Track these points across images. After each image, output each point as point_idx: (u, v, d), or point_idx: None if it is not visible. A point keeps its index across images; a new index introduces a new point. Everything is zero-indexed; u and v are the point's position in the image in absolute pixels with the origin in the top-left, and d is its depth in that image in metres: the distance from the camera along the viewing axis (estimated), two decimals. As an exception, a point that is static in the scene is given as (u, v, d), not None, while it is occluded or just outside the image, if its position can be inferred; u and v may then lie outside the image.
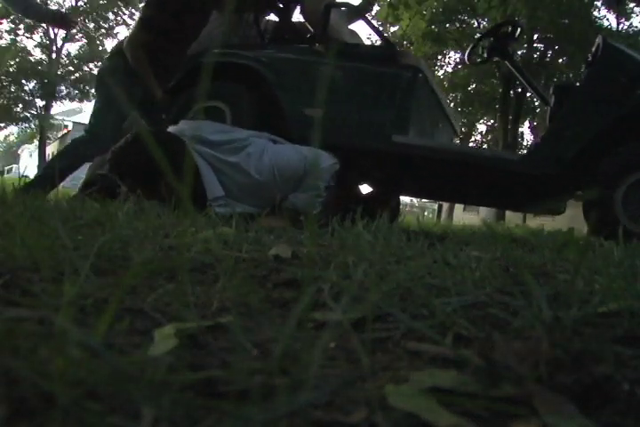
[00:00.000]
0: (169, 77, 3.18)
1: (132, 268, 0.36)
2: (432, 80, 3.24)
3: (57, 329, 0.32)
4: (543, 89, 3.94)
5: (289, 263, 0.96)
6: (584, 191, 3.07)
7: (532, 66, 16.30)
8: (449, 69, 20.43)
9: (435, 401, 0.36)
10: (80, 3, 26.61)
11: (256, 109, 3.02)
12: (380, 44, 3.36)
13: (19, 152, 50.77)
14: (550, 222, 12.37)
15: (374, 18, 15.48)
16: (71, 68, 27.41)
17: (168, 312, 0.57)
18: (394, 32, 18.14)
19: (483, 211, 19.54)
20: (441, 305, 0.62)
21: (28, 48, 27.26)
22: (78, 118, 28.62)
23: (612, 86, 2.70)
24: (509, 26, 3.61)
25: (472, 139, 22.20)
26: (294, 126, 2.95)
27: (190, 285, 0.73)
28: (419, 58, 3.36)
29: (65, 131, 24.12)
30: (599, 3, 17.12)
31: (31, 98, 26.93)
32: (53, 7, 26.26)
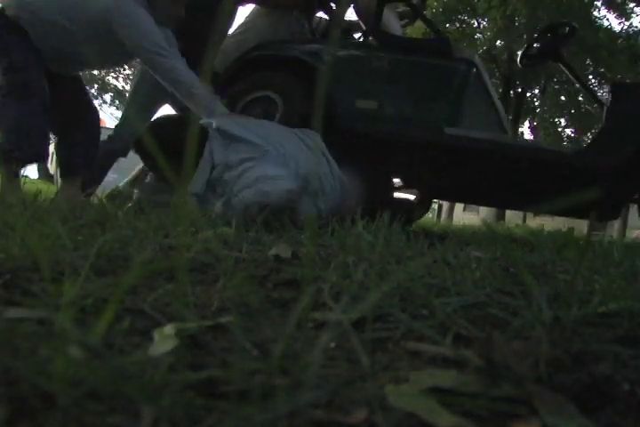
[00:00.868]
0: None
1: (132, 268, 0.37)
2: (485, 75, 3.19)
3: (57, 329, 0.32)
4: (542, 89, 3.94)
5: (289, 263, 0.96)
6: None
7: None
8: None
9: (435, 401, 0.36)
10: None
11: (307, 101, 2.99)
12: (434, 38, 3.29)
13: (19, 152, 50.72)
14: (550, 222, 12.37)
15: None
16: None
17: (168, 312, 0.57)
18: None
19: (483, 211, 19.54)
20: (441, 305, 0.62)
21: (28, 48, 27.17)
22: (78, 118, 28.61)
23: None
24: (562, 27, 3.53)
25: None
26: (345, 119, 2.92)
27: (190, 285, 0.73)
28: (472, 52, 3.31)
29: (65, 131, 24.12)
30: (599, 3, 17.13)
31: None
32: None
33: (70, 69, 2.77)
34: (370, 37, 3.28)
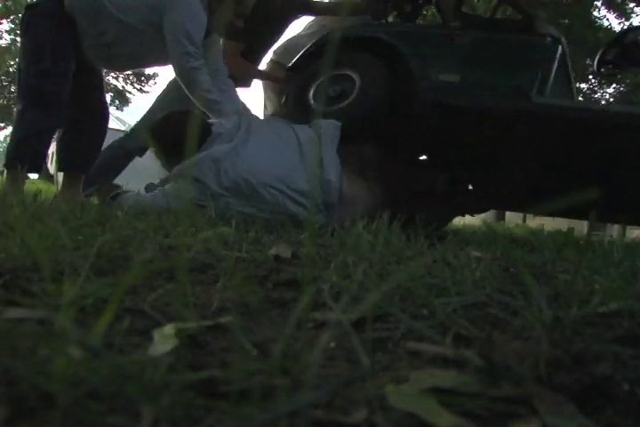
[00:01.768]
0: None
1: (132, 268, 0.36)
2: (567, 53, 3.20)
3: (57, 329, 0.32)
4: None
5: (289, 263, 0.96)
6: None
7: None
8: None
9: (435, 401, 0.36)
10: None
11: (385, 80, 3.03)
12: (518, 19, 3.33)
13: (19, 152, 50.69)
14: (550, 222, 12.36)
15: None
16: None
17: (168, 312, 0.57)
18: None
19: (483, 211, 19.47)
20: (441, 305, 0.62)
21: (28, 48, 27.16)
22: (78, 118, 28.59)
23: None
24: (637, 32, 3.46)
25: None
26: (426, 92, 2.96)
27: (190, 285, 0.73)
28: (557, 30, 3.27)
29: (65, 131, 24.12)
30: (599, 3, 17.12)
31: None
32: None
33: (104, 62, 2.74)
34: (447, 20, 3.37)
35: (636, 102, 15.65)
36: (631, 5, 17.43)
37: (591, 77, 17.27)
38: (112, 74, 27.08)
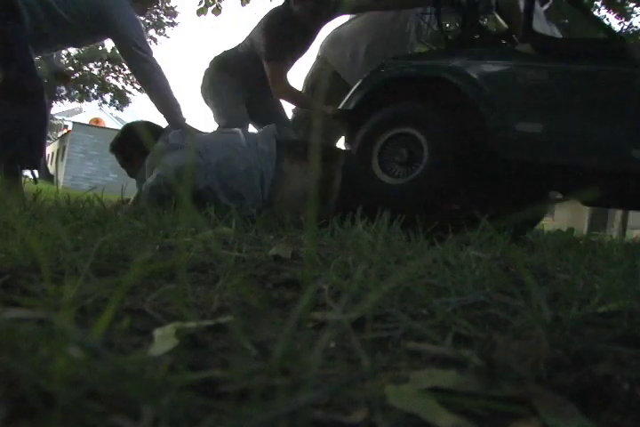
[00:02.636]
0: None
1: (132, 268, 0.36)
2: None
3: (57, 329, 0.32)
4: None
5: (289, 263, 0.96)
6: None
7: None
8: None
9: (435, 401, 0.36)
10: (80, 3, 26.61)
11: (455, 136, 2.48)
12: (604, 38, 2.67)
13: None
14: (550, 222, 12.37)
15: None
16: (71, 68, 27.42)
17: (168, 312, 0.57)
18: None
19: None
20: (441, 305, 0.62)
21: (28, 48, 27.18)
22: (78, 118, 28.67)
23: None
24: None
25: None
26: (504, 148, 2.39)
27: (190, 285, 0.73)
28: None
29: (65, 131, 24.15)
30: (599, 3, 17.11)
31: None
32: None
33: (45, 48, 2.72)
34: (516, 40, 2.75)
35: None
36: (631, 5, 17.43)
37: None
38: (112, 74, 27.13)
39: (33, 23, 2.47)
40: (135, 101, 62.16)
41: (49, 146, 26.25)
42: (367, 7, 3.14)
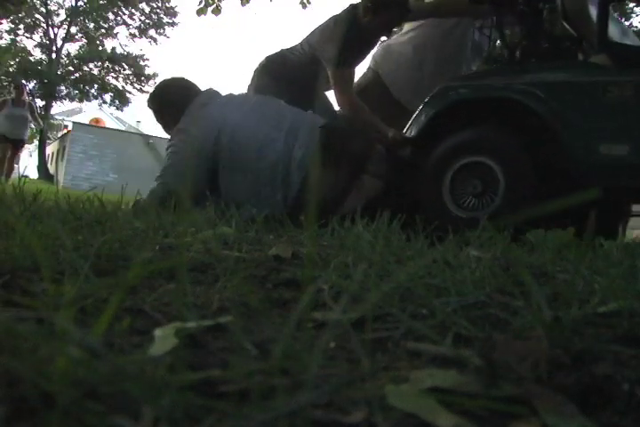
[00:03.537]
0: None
1: (132, 268, 0.36)
2: None
3: (57, 329, 0.32)
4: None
5: (289, 263, 0.96)
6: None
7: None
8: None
9: (435, 401, 0.36)
10: (80, 3, 26.65)
11: (533, 161, 2.24)
12: None
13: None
14: (550, 222, 12.32)
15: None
16: (71, 68, 27.43)
17: (168, 312, 0.57)
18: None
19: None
20: (441, 305, 0.62)
21: (28, 48, 27.25)
22: (78, 118, 28.66)
23: None
24: None
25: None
26: (587, 173, 2.17)
27: (190, 285, 0.73)
28: None
29: (65, 131, 24.16)
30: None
31: (31, 98, 26.91)
32: (53, 7, 26.30)
33: None
34: (586, 50, 2.56)
35: None
36: (631, 5, 17.42)
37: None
38: (112, 74, 27.14)
39: None
40: (135, 101, 62.20)
41: (49, 146, 26.27)
42: (424, 15, 2.98)
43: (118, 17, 27.41)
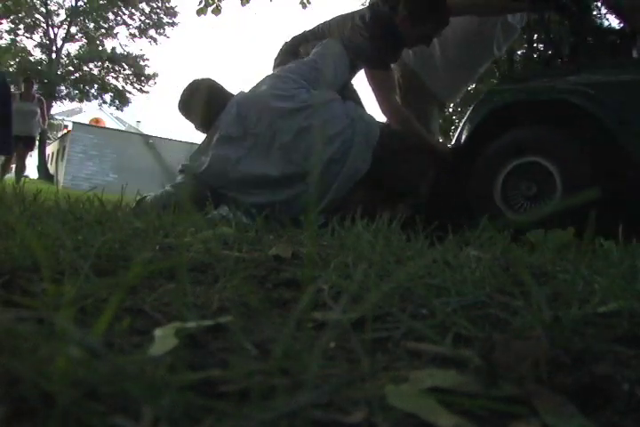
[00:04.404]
0: None
1: (132, 268, 0.37)
2: None
3: (57, 329, 0.32)
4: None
5: (289, 263, 0.96)
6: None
7: (533, 65, 16.28)
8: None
9: (435, 401, 0.36)
10: (80, 3, 26.64)
11: (594, 165, 2.14)
12: None
13: (19, 152, 50.71)
14: (550, 222, 12.30)
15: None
16: (71, 68, 27.41)
17: (168, 312, 0.57)
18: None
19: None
20: (441, 305, 0.62)
21: (28, 48, 27.22)
22: (78, 118, 28.64)
23: None
24: None
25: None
26: None
27: (190, 285, 0.73)
28: None
29: (65, 131, 24.14)
30: (599, 3, 17.09)
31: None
32: (53, 7, 26.27)
33: None
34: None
35: None
36: (631, 5, 17.38)
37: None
38: (112, 74, 27.15)
39: None
40: (135, 101, 62.20)
41: (49, 146, 26.24)
42: (461, 13, 2.81)
43: (118, 17, 27.41)
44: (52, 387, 0.30)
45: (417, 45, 2.73)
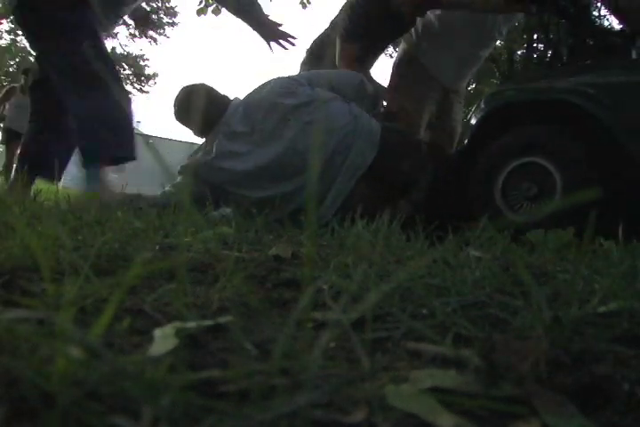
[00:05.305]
0: None
1: (132, 268, 0.37)
2: None
3: (57, 329, 0.32)
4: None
5: (289, 263, 0.96)
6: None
7: (532, 66, 16.27)
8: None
9: (435, 401, 0.36)
10: (80, 3, 26.61)
11: (596, 167, 2.13)
12: None
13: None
14: (550, 222, 12.30)
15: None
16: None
17: (168, 312, 0.57)
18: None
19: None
20: (441, 305, 0.62)
21: (28, 48, 27.18)
22: (78, 118, 28.56)
23: None
24: None
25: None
26: None
27: (190, 285, 0.73)
28: None
29: (65, 131, 24.08)
30: (599, 3, 17.08)
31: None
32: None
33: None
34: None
35: None
36: (631, 5, 17.37)
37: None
38: (112, 74, 27.15)
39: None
40: (135, 101, 62.26)
41: (49, 146, 26.11)
42: (457, 8, 2.81)
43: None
44: (52, 387, 0.30)
45: (413, 18, 2.74)
